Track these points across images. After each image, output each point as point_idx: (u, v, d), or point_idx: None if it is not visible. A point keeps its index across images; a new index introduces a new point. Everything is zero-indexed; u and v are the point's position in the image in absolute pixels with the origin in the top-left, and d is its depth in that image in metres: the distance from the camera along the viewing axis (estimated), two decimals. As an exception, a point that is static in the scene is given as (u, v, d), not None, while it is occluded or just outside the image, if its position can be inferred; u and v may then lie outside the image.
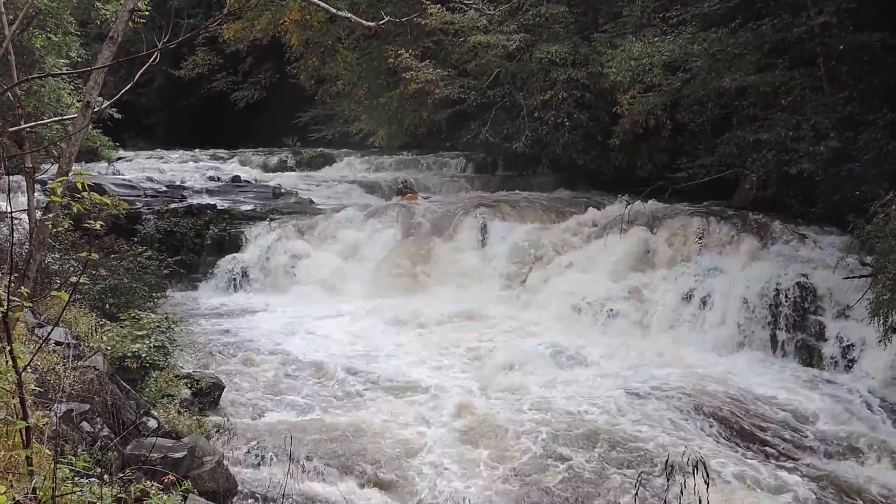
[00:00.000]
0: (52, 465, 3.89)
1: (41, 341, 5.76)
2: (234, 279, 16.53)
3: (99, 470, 4.85)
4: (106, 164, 20.13)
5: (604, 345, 12.21)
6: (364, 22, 8.60)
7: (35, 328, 7.37)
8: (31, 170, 8.64)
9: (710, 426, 9.06)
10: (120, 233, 13.92)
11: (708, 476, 4.31)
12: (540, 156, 20.47)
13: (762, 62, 13.95)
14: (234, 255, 16.93)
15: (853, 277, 11.29)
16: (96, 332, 8.61)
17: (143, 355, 8.18)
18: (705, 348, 12.01)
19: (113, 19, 8.71)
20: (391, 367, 11.14)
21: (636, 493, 6.99)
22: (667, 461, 5.17)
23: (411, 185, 21.49)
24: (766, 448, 8.63)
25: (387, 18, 8.23)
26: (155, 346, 8.38)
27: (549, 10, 19.00)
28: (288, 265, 16.59)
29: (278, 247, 16.90)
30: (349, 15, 8.17)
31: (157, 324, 8.87)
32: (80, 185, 4.18)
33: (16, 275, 6.04)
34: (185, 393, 8.48)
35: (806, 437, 8.93)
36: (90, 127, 9.90)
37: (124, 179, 19.86)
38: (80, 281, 4.81)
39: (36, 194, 9.61)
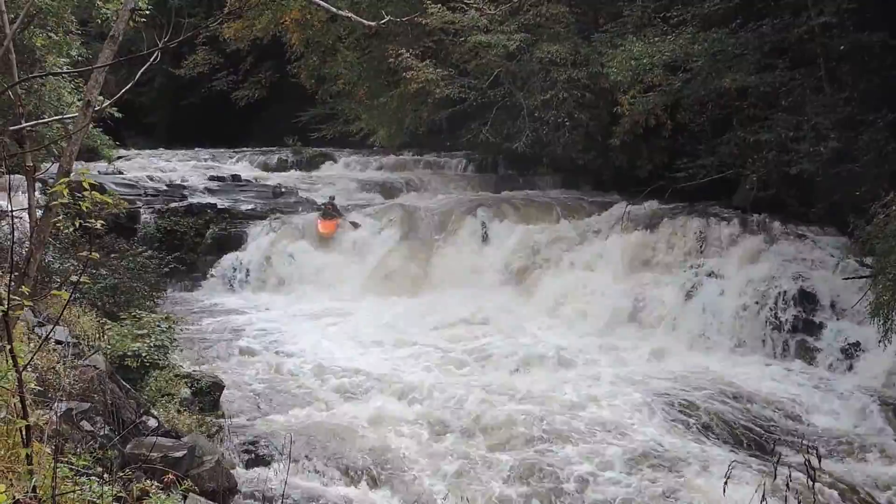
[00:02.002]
0: (53, 464, 3.89)
1: (41, 340, 5.76)
2: (235, 278, 16.54)
3: (99, 469, 4.85)
4: (106, 164, 20.07)
5: (604, 345, 12.21)
6: (365, 21, 8.58)
7: (35, 327, 7.36)
8: (31, 169, 8.61)
9: (709, 425, 9.06)
10: (120, 232, 13.92)
11: (815, 473, 4.28)
12: (540, 156, 20.46)
13: (762, 62, 13.95)
14: (235, 254, 16.94)
15: (853, 278, 11.30)
16: (97, 331, 8.61)
17: (143, 354, 8.19)
18: (705, 349, 12.02)
19: (114, 18, 8.72)
20: (391, 366, 11.14)
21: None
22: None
23: (336, 206, 17.81)
24: (766, 447, 8.63)
25: (387, 18, 8.21)
26: (155, 346, 8.39)
27: (550, 9, 18.99)
28: (288, 265, 16.60)
29: (278, 246, 16.90)
30: (350, 14, 8.15)
31: (157, 323, 8.88)
32: (83, 184, 4.17)
33: (16, 273, 6.03)
34: (185, 392, 8.47)
35: (805, 436, 8.93)
36: (91, 126, 9.90)
37: (125, 178, 19.84)
38: (81, 280, 4.80)
39: (36, 193, 9.59)
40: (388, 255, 16.60)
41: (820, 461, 4.44)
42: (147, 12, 9.19)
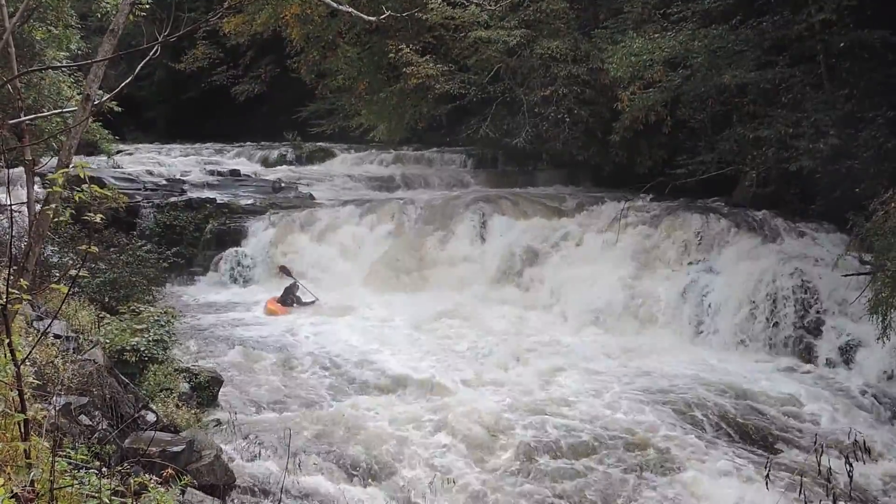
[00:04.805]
0: (51, 458, 3.89)
1: (40, 334, 5.76)
2: (233, 273, 16.55)
3: (97, 463, 4.84)
4: (106, 158, 20.08)
5: (602, 341, 12.23)
6: (365, 16, 8.57)
7: (34, 321, 7.36)
8: (30, 162, 8.61)
9: (708, 421, 9.07)
10: (119, 226, 13.92)
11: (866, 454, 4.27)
12: (540, 151, 20.49)
13: (762, 59, 13.96)
14: (233, 249, 16.94)
15: (852, 275, 11.30)
16: (95, 325, 8.61)
17: (142, 349, 8.19)
18: (704, 345, 12.04)
19: (113, 12, 8.70)
20: (388, 362, 11.13)
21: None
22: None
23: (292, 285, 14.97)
24: (763, 443, 8.64)
25: (388, 13, 8.19)
26: (154, 340, 8.40)
27: (550, 5, 19.00)
28: (286, 260, 16.59)
29: (277, 241, 16.90)
30: (350, 9, 8.14)
31: (156, 317, 8.88)
32: (81, 176, 4.17)
33: (15, 267, 6.03)
34: (184, 387, 8.49)
35: (803, 432, 8.94)
36: (90, 120, 9.89)
37: (124, 173, 19.87)
38: (80, 274, 4.80)
39: (35, 187, 9.59)
40: (387, 250, 16.59)
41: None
42: (147, 6, 9.16)
